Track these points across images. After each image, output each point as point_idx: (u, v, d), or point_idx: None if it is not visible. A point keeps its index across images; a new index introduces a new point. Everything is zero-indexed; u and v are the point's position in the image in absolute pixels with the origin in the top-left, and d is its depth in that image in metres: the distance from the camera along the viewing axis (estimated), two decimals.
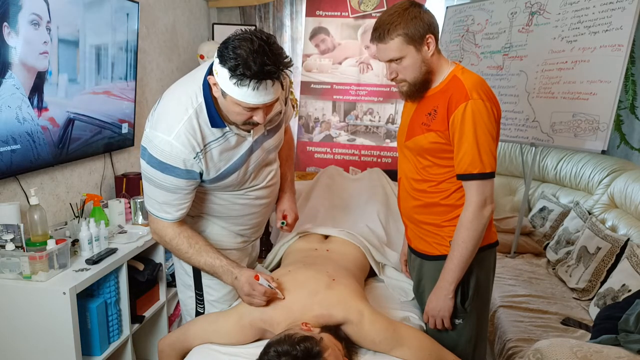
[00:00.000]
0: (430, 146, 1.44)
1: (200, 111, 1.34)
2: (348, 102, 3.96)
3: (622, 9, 2.42)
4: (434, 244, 1.54)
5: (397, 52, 1.39)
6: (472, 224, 1.39)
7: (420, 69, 1.41)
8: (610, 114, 2.41)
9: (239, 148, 1.43)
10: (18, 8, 1.80)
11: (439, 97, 1.43)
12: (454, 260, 1.42)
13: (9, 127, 1.84)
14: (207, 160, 1.38)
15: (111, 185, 2.65)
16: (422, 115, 1.47)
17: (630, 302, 1.80)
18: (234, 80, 1.20)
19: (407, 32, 1.36)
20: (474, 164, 1.36)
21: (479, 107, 1.34)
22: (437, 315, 1.49)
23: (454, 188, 1.46)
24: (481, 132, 1.35)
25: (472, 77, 1.41)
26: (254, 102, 1.24)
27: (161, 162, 1.34)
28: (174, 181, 1.37)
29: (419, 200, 1.53)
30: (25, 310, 1.69)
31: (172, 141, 1.32)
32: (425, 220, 1.54)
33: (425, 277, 1.60)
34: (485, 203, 1.39)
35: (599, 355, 1.41)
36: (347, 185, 2.45)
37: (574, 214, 2.84)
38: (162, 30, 3.17)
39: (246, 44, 1.18)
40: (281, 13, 4.00)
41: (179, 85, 1.42)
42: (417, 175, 1.52)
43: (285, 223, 1.70)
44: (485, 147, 1.36)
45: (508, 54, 3.01)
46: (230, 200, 1.54)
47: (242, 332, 1.43)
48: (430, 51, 1.40)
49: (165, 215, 1.44)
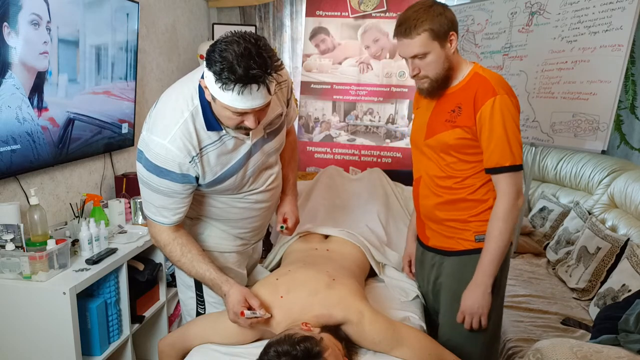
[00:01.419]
0: (456, 142, 1.45)
1: (197, 114, 1.32)
2: (348, 102, 3.96)
3: (622, 9, 2.42)
4: (459, 239, 1.53)
5: (423, 47, 1.39)
6: (508, 215, 1.41)
7: (442, 65, 1.43)
8: (610, 114, 2.42)
9: (237, 152, 1.41)
10: (18, 8, 1.80)
11: (461, 95, 1.45)
12: (492, 252, 1.43)
13: (9, 127, 1.84)
14: (204, 164, 1.36)
15: (111, 185, 2.65)
16: (444, 113, 1.48)
17: (630, 302, 1.80)
18: (219, 84, 1.17)
19: (433, 28, 1.37)
20: (504, 156, 1.39)
21: (506, 102, 1.38)
22: (475, 312, 1.47)
23: (480, 183, 1.48)
24: (510, 126, 1.38)
25: (494, 75, 1.45)
26: (240, 107, 1.21)
27: (157, 166, 1.33)
28: (170, 185, 1.36)
29: (442, 197, 1.53)
30: (25, 310, 1.69)
31: (168, 145, 1.30)
32: (450, 217, 1.53)
33: (444, 273, 1.59)
34: (518, 194, 1.42)
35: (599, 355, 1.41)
36: (347, 185, 2.45)
37: (574, 214, 2.84)
38: (162, 30, 3.17)
39: (232, 47, 1.15)
40: (281, 13, 4.00)
41: (176, 87, 1.40)
42: (441, 172, 1.52)
43: (285, 227, 1.67)
44: (514, 139, 1.39)
45: (508, 54, 3.02)
46: (229, 203, 1.53)
47: (242, 332, 1.43)
48: (452, 48, 1.42)
49: (162, 219, 1.43)
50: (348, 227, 2.01)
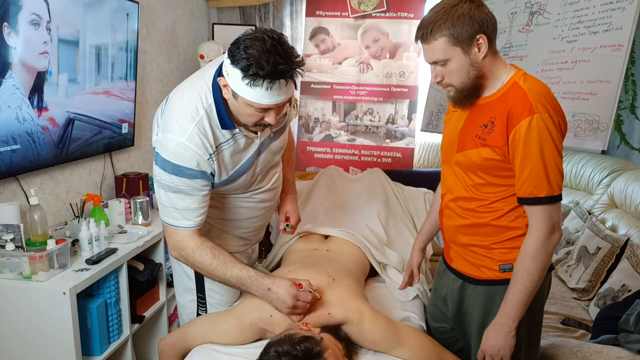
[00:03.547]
0: (484, 163, 1.29)
1: (211, 112, 1.32)
2: (348, 102, 3.96)
3: (622, 9, 2.42)
4: (481, 267, 1.38)
5: (442, 53, 1.24)
6: (539, 254, 1.24)
7: (468, 73, 1.25)
8: (610, 114, 2.41)
9: (247, 150, 1.42)
10: (18, 8, 1.80)
11: (496, 107, 1.26)
12: (518, 295, 1.26)
13: (9, 127, 1.84)
14: (220, 162, 1.36)
15: (111, 185, 2.65)
16: (475, 127, 1.31)
17: (630, 302, 1.80)
18: (246, 80, 1.18)
19: (452, 32, 1.21)
20: (540, 186, 1.21)
21: (545, 122, 1.18)
22: (496, 354, 1.31)
23: (508, 208, 1.31)
24: (548, 150, 1.19)
25: (536, 86, 1.24)
26: (267, 103, 1.22)
27: (175, 165, 1.31)
28: (190, 183, 1.34)
29: (466, 219, 1.38)
30: (25, 310, 1.69)
31: (186, 143, 1.29)
32: (472, 242, 1.38)
33: (468, 301, 1.44)
34: (554, 230, 1.24)
35: (599, 355, 1.41)
36: (347, 185, 2.45)
37: (574, 214, 2.84)
38: (162, 30, 3.17)
39: (258, 44, 1.16)
40: (281, 13, 4.00)
41: (187, 87, 1.39)
42: (466, 193, 1.36)
43: (290, 225, 1.68)
44: (554, 166, 1.21)
45: (508, 54, 3.01)
46: (235, 204, 1.53)
47: (242, 332, 1.43)
48: (481, 53, 1.23)
49: (186, 223, 1.38)
50: (348, 227, 2.01)
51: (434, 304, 1.63)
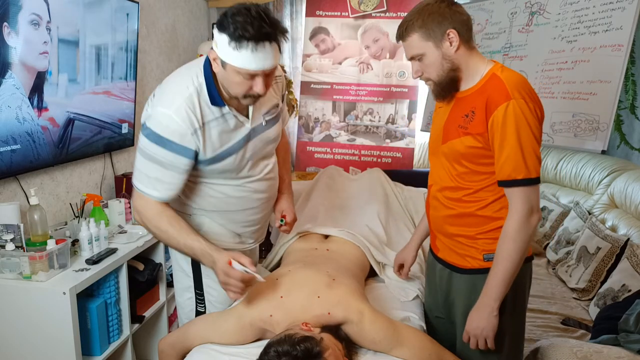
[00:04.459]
0: (467, 151, 1.34)
1: (201, 90, 1.38)
2: (348, 102, 3.96)
3: (622, 9, 2.42)
4: (467, 257, 1.43)
5: (417, 49, 1.34)
6: (518, 235, 1.28)
7: (442, 66, 1.34)
8: (610, 114, 2.41)
9: (237, 133, 1.46)
10: (18, 8, 1.80)
11: (476, 98, 1.34)
12: (499, 275, 1.31)
13: (9, 127, 1.84)
14: (205, 138, 1.40)
15: (111, 185, 2.65)
16: (458, 118, 1.38)
17: (630, 302, 1.80)
18: (233, 44, 1.25)
19: (423, 27, 1.31)
20: (518, 168, 1.26)
21: (521, 107, 1.25)
22: (479, 335, 1.36)
23: (492, 198, 1.36)
24: (525, 135, 1.25)
25: (513, 76, 1.31)
26: (253, 68, 1.28)
27: (158, 135, 1.36)
28: (169, 156, 1.38)
29: (452, 209, 1.43)
30: (25, 310, 1.69)
31: (172, 115, 1.34)
32: (458, 232, 1.43)
33: (455, 290, 1.49)
34: (532, 211, 1.29)
35: (599, 355, 1.41)
36: (347, 185, 2.45)
37: (574, 214, 2.84)
38: (162, 30, 3.18)
39: (244, 11, 1.25)
40: (281, 13, 4.00)
41: (182, 69, 1.46)
42: (452, 183, 1.41)
43: (285, 222, 1.69)
44: (530, 150, 1.26)
45: (508, 54, 3.02)
46: (228, 193, 1.54)
47: (242, 332, 1.43)
48: (453, 47, 1.32)
49: (152, 192, 1.42)
50: (348, 227, 2.01)
51: (429, 294, 1.68)
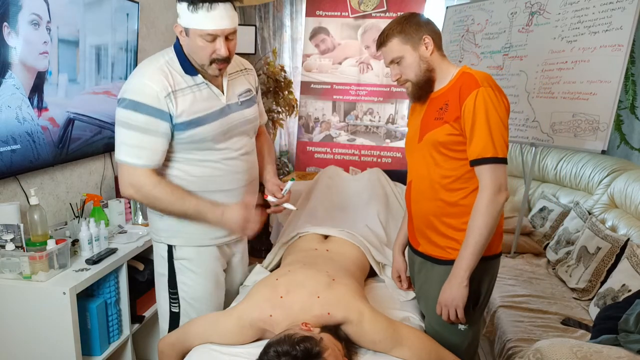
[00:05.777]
0: (446, 139, 1.45)
1: (172, 62, 1.49)
2: (348, 102, 3.96)
3: (622, 9, 2.42)
4: (447, 248, 1.51)
5: (396, 52, 1.48)
6: (487, 209, 1.39)
7: (419, 67, 1.48)
8: (610, 114, 2.41)
9: (212, 103, 1.53)
10: (18, 8, 1.80)
11: (449, 93, 1.47)
12: (469, 248, 1.41)
13: (9, 127, 1.84)
14: (179, 103, 1.46)
15: (111, 185, 2.65)
16: (433, 112, 1.50)
17: (630, 302, 1.80)
18: (190, 7, 1.37)
19: (402, 33, 1.47)
20: (486, 148, 1.38)
21: (489, 94, 1.38)
22: (450, 304, 1.45)
23: (473, 187, 1.46)
24: (493, 119, 1.37)
25: (481, 72, 1.47)
26: (212, 27, 1.38)
27: (135, 102, 1.42)
28: (148, 120, 1.42)
29: (433, 200, 1.51)
30: (25, 310, 1.69)
31: (146, 81, 1.43)
32: (441, 223, 1.52)
33: (431, 280, 1.56)
34: (500, 189, 1.40)
35: (599, 355, 1.41)
36: (347, 185, 2.45)
37: (574, 214, 2.84)
38: (162, 30, 3.18)
39: None
40: (281, 13, 4.00)
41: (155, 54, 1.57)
42: (433, 173, 1.50)
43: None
44: (497, 132, 1.38)
45: (508, 54, 3.01)
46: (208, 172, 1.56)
47: (242, 332, 1.43)
48: (428, 51, 1.47)
49: (136, 161, 1.44)
50: (348, 227, 2.01)
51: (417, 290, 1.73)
